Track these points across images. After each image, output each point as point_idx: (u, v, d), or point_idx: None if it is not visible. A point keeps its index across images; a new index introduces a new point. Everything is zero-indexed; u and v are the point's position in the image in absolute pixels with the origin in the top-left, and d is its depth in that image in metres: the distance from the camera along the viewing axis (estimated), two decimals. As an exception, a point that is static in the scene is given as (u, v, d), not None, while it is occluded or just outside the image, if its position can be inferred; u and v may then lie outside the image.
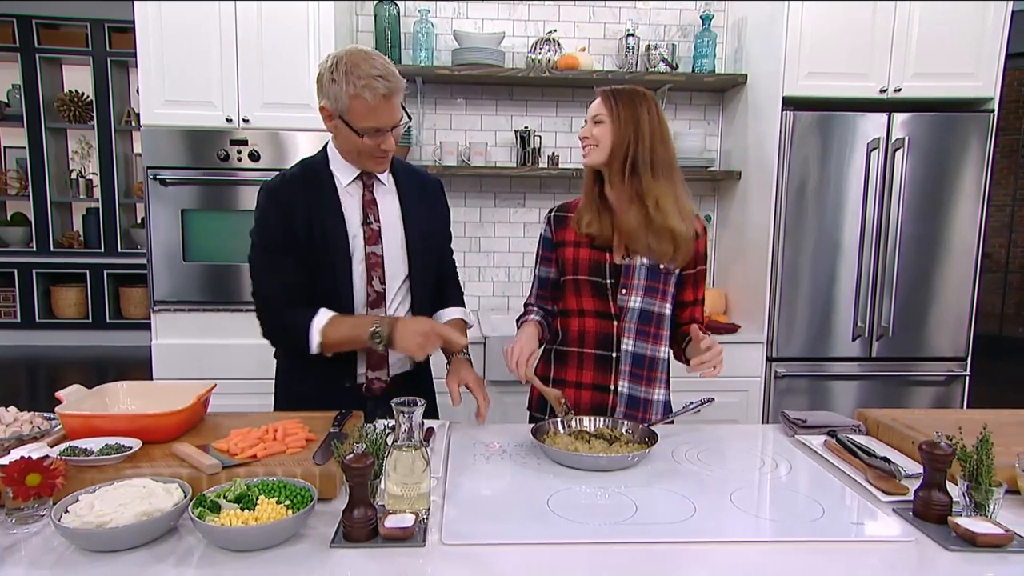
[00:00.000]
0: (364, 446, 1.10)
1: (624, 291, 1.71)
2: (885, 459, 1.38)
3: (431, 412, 1.72)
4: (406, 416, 1.14)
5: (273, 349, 1.77)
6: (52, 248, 6.22)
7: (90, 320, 6.29)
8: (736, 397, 2.93)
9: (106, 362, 5.84)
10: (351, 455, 1.07)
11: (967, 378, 3.00)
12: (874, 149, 2.84)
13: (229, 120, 2.71)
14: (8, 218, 6.40)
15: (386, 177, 1.72)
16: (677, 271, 1.74)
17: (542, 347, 1.83)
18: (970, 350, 2.99)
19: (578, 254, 1.74)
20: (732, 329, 2.99)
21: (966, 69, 2.85)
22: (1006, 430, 1.52)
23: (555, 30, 3.22)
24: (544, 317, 1.84)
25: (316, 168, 1.69)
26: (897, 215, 2.86)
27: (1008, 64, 2.88)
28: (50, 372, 5.67)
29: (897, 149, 2.84)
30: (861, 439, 1.55)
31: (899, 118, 2.84)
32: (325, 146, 1.71)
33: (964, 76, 2.85)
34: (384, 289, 1.68)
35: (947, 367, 3.00)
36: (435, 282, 1.85)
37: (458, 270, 1.98)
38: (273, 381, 1.80)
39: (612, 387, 1.73)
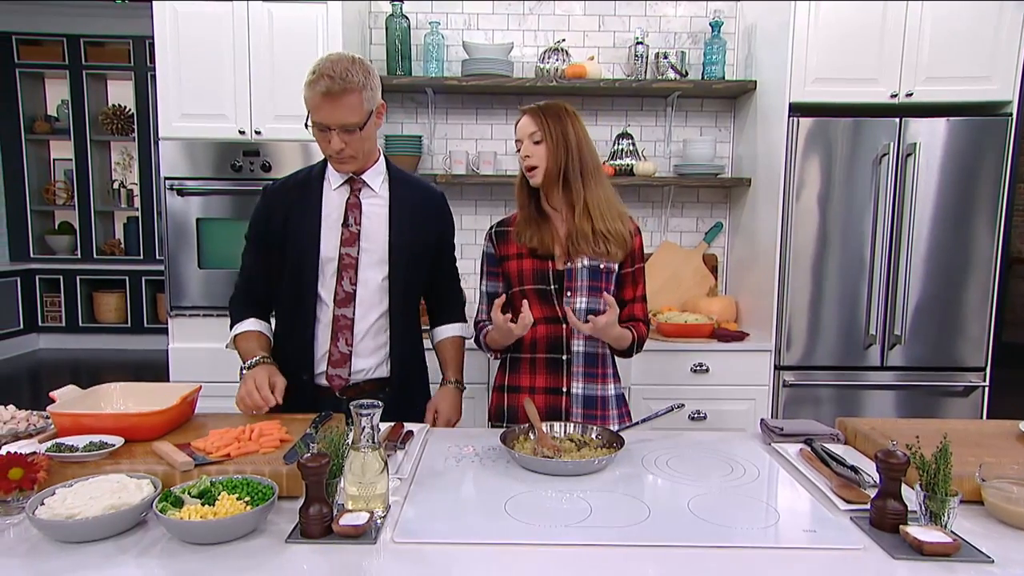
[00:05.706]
0: (318, 446, 1.14)
1: (569, 294, 1.79)
2: (854, 468, 1.37)
3: (410, 415, 1.76)
4: (363, 418, 1.19)
5: None
6: (95, 255, 6.50)
7: (129, 324, 6.55)
8: (744, 405, 2.90)
9: (143, 364, 6.06)
10: (308, 455, 1.12)
11: (986, 388, 2.91)
12: (885, 155, 2.79)
13: (242, 132, 2.81)
14: (56, 227, 6.71)
15: (380, 185, 1.79)
16: (617, 270, 1.82)
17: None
18: (989, 360, 2.90)
19: (522, 265, 1.82)
20: (740, 337, 2.96)
21: (982, 72, 2.78)
22: (987, 441, 1.50)
23: (564, 39, 3.24)
24: None
25: (313, 170, 1.82)
26: (910, 222, 2.80)
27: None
28: (91, 374, 5.90)
29: (909, 155, 2.78)
30: (837, 448, 1.54)
31: (912, 123, 2.78)
32: None
33: (980, 79, 2.78)
34: (354, 290, 1.75)
35: (965, 377, 2.92)
36: (420, 292, 1.93)
37: (465, 278, 2.03)
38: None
39: (564, 389, 1.80)
